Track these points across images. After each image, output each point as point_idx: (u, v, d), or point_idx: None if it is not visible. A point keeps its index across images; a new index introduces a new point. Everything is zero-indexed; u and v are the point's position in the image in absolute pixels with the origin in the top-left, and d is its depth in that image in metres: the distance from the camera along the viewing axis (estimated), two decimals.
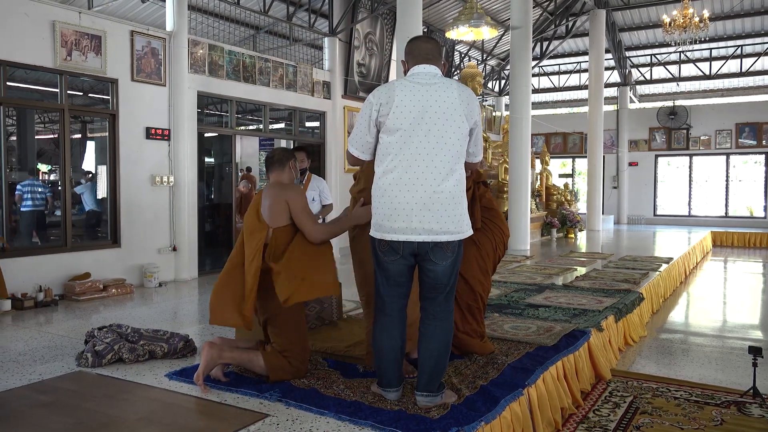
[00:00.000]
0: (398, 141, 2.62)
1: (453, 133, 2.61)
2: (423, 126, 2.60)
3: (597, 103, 14.10)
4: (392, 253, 2.68)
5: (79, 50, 6.93)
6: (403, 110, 2.61)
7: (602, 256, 8.89)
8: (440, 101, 2.61)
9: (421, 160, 2.59)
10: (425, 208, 2.58)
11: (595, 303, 5.16)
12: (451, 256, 2.67)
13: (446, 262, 2.66)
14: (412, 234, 2.61)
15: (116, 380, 3.24)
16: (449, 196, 2.60)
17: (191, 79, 8.25)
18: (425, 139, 2.59)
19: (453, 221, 2.62)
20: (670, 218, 17.38)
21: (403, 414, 2.65)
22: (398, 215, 2.61)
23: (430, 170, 2.59)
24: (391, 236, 2.64)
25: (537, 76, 18.23)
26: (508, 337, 3.96)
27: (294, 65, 10.12)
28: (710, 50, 16.66)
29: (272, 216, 3.12)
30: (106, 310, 6.01)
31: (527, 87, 9.96)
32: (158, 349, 3.57)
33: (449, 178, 2.60)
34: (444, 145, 2.60)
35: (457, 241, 2.68)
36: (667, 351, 4.88)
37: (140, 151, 7.68)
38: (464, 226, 2.68)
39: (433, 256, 2.65)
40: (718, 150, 16.90)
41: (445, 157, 2.61)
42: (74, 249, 7.01)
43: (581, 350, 3.87)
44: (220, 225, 10.30)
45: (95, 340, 3.59)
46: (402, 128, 2.61)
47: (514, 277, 6.63)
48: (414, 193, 2.59)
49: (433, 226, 2.59)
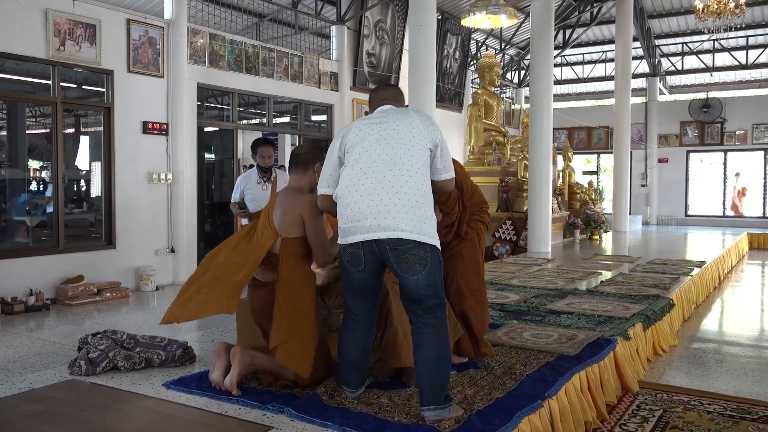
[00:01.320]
0: (356, 158, 2.83)
1: (412, 148, 2.80)
2: (381, 143, 2.82)
3: (624, 95, 14.01)
4: (356, 261, 2.80)
5: (72, 40, 6.99)
6: (359, 134, 2.89)
7: (629, 259, 8.84)
8: (397, 123, 2.87)
9: (379, 171, 2.76)
10: (385, 209, 2.70)
11: (621, 310, 5.14)
12: (422, 270, 2.69)
13: (417, 277, 2.70)
14: (368, 232, 2.71)
15: (111, 389, 3.26)
16: (409, 202, 2.71)
17: (191, 70, 8.30)
18: (383, 153, 2.80)
19: (413, 222, 2.69)
20: (703, 219, 17.24)
21: (412, 428, 2.64)
22: (355, 217, 2.75)
23: (388, 179, 2.74)
24: (348, 239, 2.78)
25: (559, 67, 18.16)
26: (527, 346, 3.94)
27: (299, 55, 10.15)
28: (746, 38, 16.49)
29: (284, 227, 3.14)
30: (100, 315, 6.06)
31: (549, 78, 9.91)
32: (155, 356, 3.59)
33: (410, 188, 2.72)
34: (403, 156, 2.77)
35: (424, 252, 2.70)
36: (699, 361, 4.85)
37: (137, 147, 7.74)
38: (428, 231, 2.73)
39: (399, 267, 2.71)
40: (755, 145, 16.74)
41: (406, 170, 2.75)
42: (67, 250, 7.06)
43: (606, 360, 3.85)
44: (220, 225, 10.35)
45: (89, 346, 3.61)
46: (360, 147, 2.84)
47: (534, 282, 6.61)
48: (374, 197, 2.73)
49: (389, 222, 2.68)
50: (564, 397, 3.20)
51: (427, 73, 8.04)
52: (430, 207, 2.79)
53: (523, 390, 3.11)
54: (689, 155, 17.67)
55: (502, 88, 17.81)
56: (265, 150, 5.50)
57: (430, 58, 8.08)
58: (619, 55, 14.10)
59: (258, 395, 3.05)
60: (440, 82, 13.95)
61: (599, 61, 18.49)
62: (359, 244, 2.75)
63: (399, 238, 2.67)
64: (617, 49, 14.15)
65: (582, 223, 11.88)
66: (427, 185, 2.81)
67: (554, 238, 10.64)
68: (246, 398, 3.01)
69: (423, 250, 2.70)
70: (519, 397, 3.00)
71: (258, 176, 5.59)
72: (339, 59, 11.09)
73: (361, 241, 2.74)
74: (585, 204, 12.45)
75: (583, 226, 11.90)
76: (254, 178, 5.60)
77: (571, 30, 16.36)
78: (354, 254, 2.80)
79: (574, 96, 20.22)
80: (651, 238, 12.96)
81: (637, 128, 17.58)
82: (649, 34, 17.00)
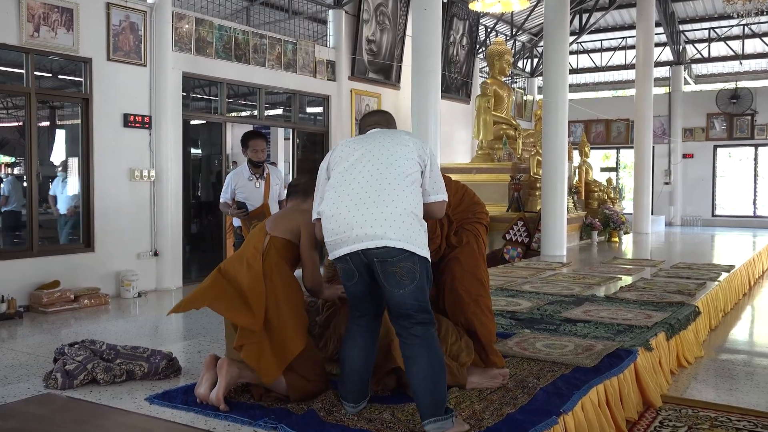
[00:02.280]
0: (341, 172, 2.91)
1: (400, 160, 2.88)
2: (367, 157, 2.90)
3: (646, 85, 14.01)
4: (348, 275, 2.87)
5: (47, 25, 7.00)
6: (345, 150, 2.99)
7: (651, 263, 8.84)
8: (385, 139, 2.98)
9: (365, 182, 2.83)
10: (372, 218, 2.75)
11: (642, 318, 5.14)
12: (409, 284, 2.74)
13: (403, 291, 2.74)
14: (355, 243, 2.76)
15: (89, 404, 3.27)
16: (396, 211, 2.76)
17: (176, 58, 8.31)
18: (369, 164, 2.88)
19: (401, 231, 2.73)
20: (732, 219, 17.24)
21: None
22: (341, 228, 2.80)
23: (375, 189, 2.80)
24: (336, 253, 2.84)
25: (575, 54, 18.17)
26: (540, 357, 3.95)
27: (294, 42, 10.16)
28: None
29: (275, 226, 3.25)
30: (77, 323, 6.07)
31: (564, 66, 9.91)
32: (137, 368, 3.60)
33: (398, 199, 2.78)
34: (391, 168, 2.85)
35: (413, 264, 2.74)
36: (727, 374, 4.85)
37: (117, 141, 7.75)
38: (418, 241, 2.77)
39: (387, 281, 2.75)
40: None
41: (396, 182, 2.82)
42: (41, 253, 7.07)
43: (626, 373, 3.85)
44: (208, 226, 10.35)
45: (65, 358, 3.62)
46: (345, 162, 2.93)
47: (547, 288, 6.61)
48: (361, 207, 2.79)
49: (377, 231, 2.72)
50: (580, 413, 3.20)
51: (431, 61, 8.04)
52: (420, 219, 2.83)
53: (537, 405, 3.11)
54: (716, 150, 17.67)
55: (513, 78, 17.82)
56: (257, 143, 5.50)
57: (435, 44, 8.08)
58: (640, 41, 14.10)
59: (249, 410, 3.04)
60: (446, 71, 13.95)
61: (619, 48, 18.50)
62: (347, 258, 2.80)
63: (387, 248, 2.71)
64: (638, 34, 14.15)
65: (600, 224, 11.88)
66: (417, 199, 2.87)
67: (569, 241, 10.64)
68: (236, 414, 3.01)
69: (412, 261, 2.74)
70: (532, 413, 3.00)
71: (249, 173, 5.57)
72: (336, 46, 11.10)
73: (348, 253, 2.79)
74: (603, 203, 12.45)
75: (601, 228, 11.90)
76: (245, 175, 5.58)
77: (588, 14, 16.36)
78: (344, 269, 2.86)
79: (592, 86, 20.23)
80: (675, 240, 12.94)
81: (660, 121, 17.58)
82: (673, 19, 17.01)
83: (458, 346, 3.42)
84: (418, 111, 7.94)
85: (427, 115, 7.93)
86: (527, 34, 17.96)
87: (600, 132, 18.86)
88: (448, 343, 3.40)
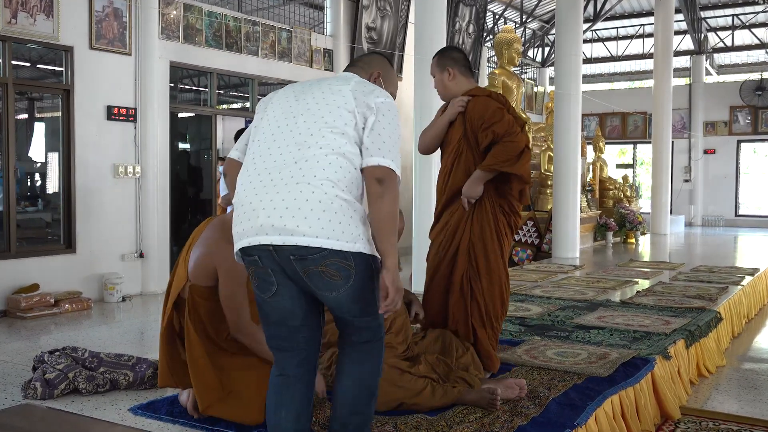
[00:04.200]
0: (258, 136, 2.47)
1: (328, 117, 2.36)
2: (291, 113, 2.43)
3: (664, 75, 14.01)
4: (264, 281, 2.34)
5: (26, 11, 7.01)
6: (272, 99, 2.55)
7: (670, 266, 8.84)
8: (321, 88, 2.47)
9: (279, 154, 2.35)
10: (282, 205, 2.25)
11: (660, 324, 5.14)
12: (343, 284, 2.26)
13: (337, 293, 2.28)
14: (257, 234, 2.25)
15: (71, 415, 3.27)
16: (316, 195, 2.24)
17: (162, 46, 8.31)
18: (290, 126, 2.40)
19: (321, 222, 2.22)
20: (756, 219, 17.24)
21: None
22: (246, 215, 2.31)
23: (290, 162, 2.32)
24: (237, 245, 2.35)
25: (589, 42, 18.16)
26: (552, 366, 3.95)
27: (289, 29, 10.17)
28: None
29: (195, 270, 3.04)
30: (58, 329, 6.07)
31: (577, 56, 9.92)
32: (122, 377, 3.60)
33: (320, 173, 2.27)
34: (314, 128, 2.35)
35: (344, 260, 2.25)
36: (751, 384, 4.85)
37: (100, 135, 7.75)
38: (348, 233, 2.25)
39: (313, 282, 2.27)
40: None
41: (319, 148, 2.32)
42: (19, 255, 7.08)
43: (643, 383, 3.85)
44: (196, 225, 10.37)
45: (45, 366, 3.62)
46: (265, 121, 2.49)
47: (559, 292, 6.61)
48: (269, 188, 2.30)
49: (287, 224, 2.21)
50: (594, 426, 3.20)
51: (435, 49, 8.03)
52: (350, 199, 2.29)
53: (549, 417, 3.12)
54: (740, 145, 17.67)
55: (522, 68, 17.82)
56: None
57: (439, 32, 8.08)
58: (659, 29, 14.10)
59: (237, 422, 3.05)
60: None
61: (636, 36, 18.49)
62: (256, 257, 2.29)
63: (301, 246, 2.21)
64: (657, 22, 14.15)
65: (615, 224, 11.88)
66: (349, 168, 2.30)
67: (583, 242, 10.64)
68: (222, 426, 3.02)
69: (341, 257, 2.23)
70: (544, 425, 3.00)
71: None
72: (334, 34, 11.10)
73: (254, 246, 2.27)
74: (619, 202, 12.46)
75: (616, 228, 11.90)
76: None
77: (603, 0, 16.36)
78: (256, 273, 2.34)
79: (607, 77, 20.23)
80: (695, 242, 12.94)
81: (680, 114, 17.58)
82: (694, 5, 17.00)
83: (466, 358, 3.44)
84: (421, 103, 7.94)
85: (431, 107, 7.92)
86: (538, 21, 17.97)
87: (615, 126, 18.86)
88: (454, 356, 3.41)
